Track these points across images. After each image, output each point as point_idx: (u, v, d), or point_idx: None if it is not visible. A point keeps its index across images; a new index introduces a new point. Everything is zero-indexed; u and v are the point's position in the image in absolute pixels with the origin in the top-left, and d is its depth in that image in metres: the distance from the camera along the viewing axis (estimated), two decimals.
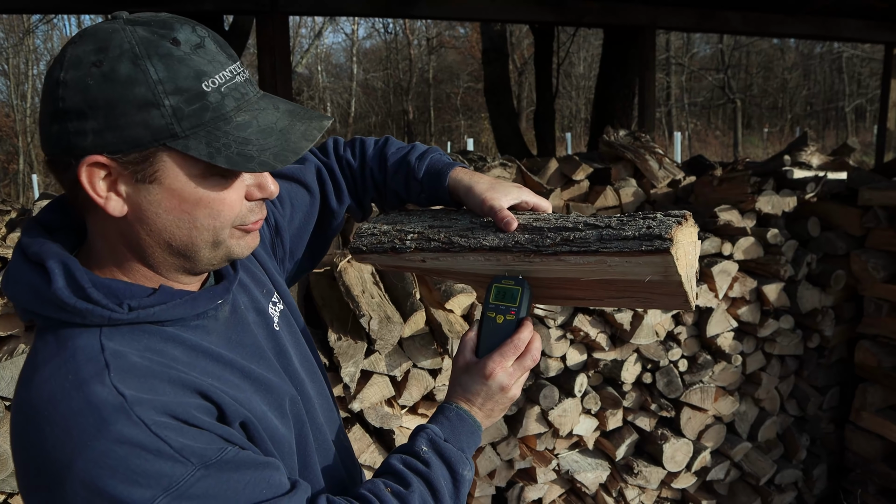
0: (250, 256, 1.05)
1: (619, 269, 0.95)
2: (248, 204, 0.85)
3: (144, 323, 0.81)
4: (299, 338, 1.09)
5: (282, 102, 0.85)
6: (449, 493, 0.95)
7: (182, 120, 0.76)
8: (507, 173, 3.15)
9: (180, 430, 0.74)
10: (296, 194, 1.17)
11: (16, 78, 18.05)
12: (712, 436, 3.10)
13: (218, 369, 0.85)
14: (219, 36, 0.83)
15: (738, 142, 19.78)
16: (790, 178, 3.40)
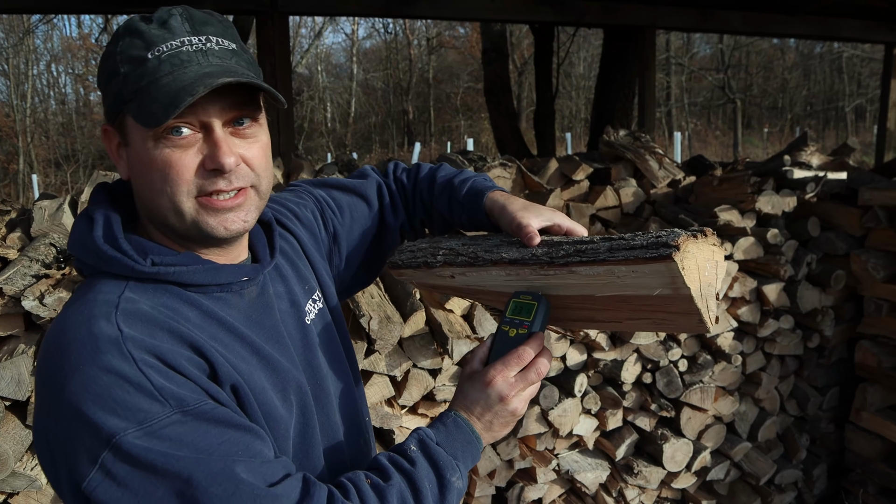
0: (299, 253, 1.13)
1: (627, 280, 0.93)
2: (204, 173, 0.86)
3: (168, 283, 0.88)
4: (334, 338, 1.13)
5: (213, 67, 0.85)
6: (433, 496, 0.93)
7: (128, 85, 0.83)
8: (507, 173, 3.15)
9: (166, 373, 0.78)
10: (356, 206, 1.25)
11: (16, 78, 18.05)
12: (712, 436, 3.10)
13: (227, 338, 0.90)
14: (206, 16, 0.89)
15: (738, 142, 19.78)
16: (790, 178, 3.40)
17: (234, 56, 0.89)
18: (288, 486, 0.83)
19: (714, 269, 0.93)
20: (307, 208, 1.21)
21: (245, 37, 7.36)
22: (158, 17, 0.86)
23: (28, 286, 2.12)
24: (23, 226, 2.52)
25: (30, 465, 2.05)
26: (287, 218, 1.16)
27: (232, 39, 0.90)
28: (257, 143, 0.92)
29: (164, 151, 0.84)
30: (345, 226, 1.23)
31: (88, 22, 23.32)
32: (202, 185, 0.87)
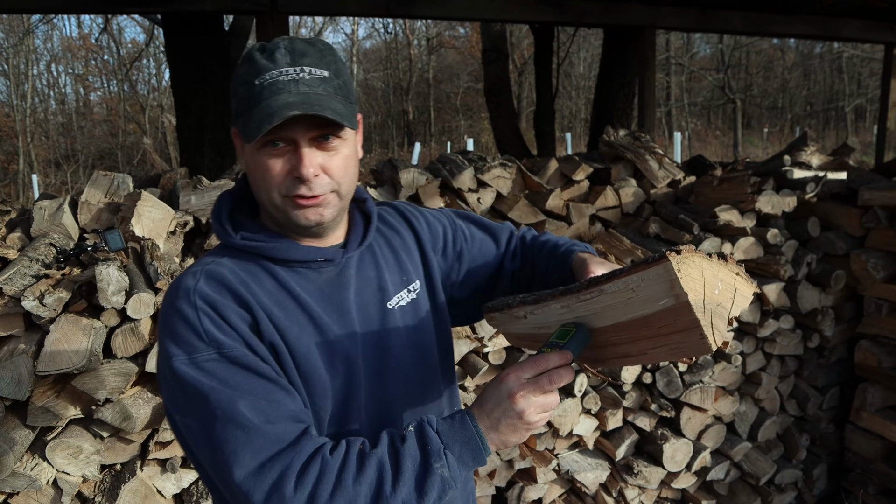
0: (410, 249, 1.29)
1: (640, 292, 0.95)
2: (290, 179, 1.05)
3: (257, 255, 1.10)
4: (422, 328, 1.24)
5: (297, 96, 1.02)
6: (412, 477, 0.96)
7: (241, 104, 1.05)
8: (507, 173, 3.15)
9: (216, 322, 1.01)
10: (486, 242, 1.41)
11: (16, 78, 18.05)
12: (712, 436, 3.10)
13: (291, 305, 1.08)
14: (307, 46, 1.06)
15: (738, 142, 19.78)
16: (790, 178, 3.40)
17: (322, 83, 1.05)
18: (283, 429, 0.97)
19: (729, 293, 0.94)
20: (440, 223, 1.37)
21: (245, 37, 7.36)
22: (269, 48, 1.05)
23: (28, 286, 2.12)
24: (23, 226, 2.52)
25: (30, 465, 2.05)
26: (414, 218, 1.33)
27: (326, 67, 1.06)
28: (338, 155, 1.08)
29: (262, 158, 1.05)
30: (471, 252, 1.38)
31: (88, 22, 23.34)
32: (289, 188, 1.06)
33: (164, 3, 4.55)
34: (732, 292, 0.95)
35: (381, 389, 1.16)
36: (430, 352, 1.26)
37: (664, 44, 21.09)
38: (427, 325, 1.26)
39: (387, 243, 1.27)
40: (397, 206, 1.36)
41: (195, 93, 5.62)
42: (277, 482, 0.94)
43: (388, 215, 1.33)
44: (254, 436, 0.95)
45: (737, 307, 0.95)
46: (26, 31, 17.68)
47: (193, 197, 2.69)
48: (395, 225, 1.31)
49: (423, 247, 1.31)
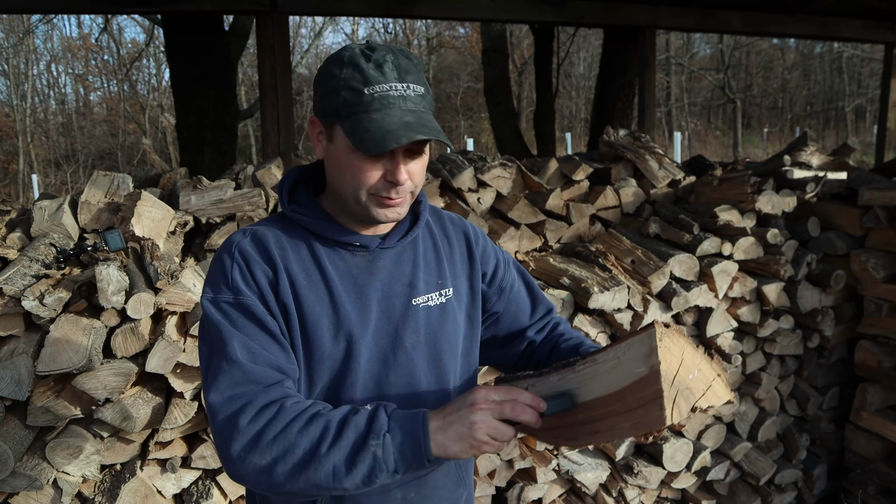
0: (455, 259, 1.36)
1: (625, 357, 1.01)
2: (383, 182, 1.16)
3: (304, 228, 1.23)
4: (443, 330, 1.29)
5: (412, 115, 1.12)
6: (348, 446, 1.03)
7: (345, 107, 1.12)
8: (507, 173, 3.15)
9: (244, 273, 1.16)
10: (524, 301, 1.47)
11: (16, 78, 18.04)
12: (712, 436, 3.10)
13: (316, 276, 1.20)
14: (409, 64, 1.15)
15: (738, 142, 19.78)
16: (790, 178, 3.40)
17: (422, 100, 1.15)
18: (262, 372, 1.10)
19: (702, 385, 0.97)
20: (496, 256, 1.44)
21: (245, 37, 7.36)
22: (376, 59, 1.12)
23: (28, 286, 2.12)
24: (23, 226, 2.52)
25: (30, 465, 2.05)
26: (473, 237, 1.41)
27: (422, 83, 1.16)
28: (421, 161, 1.19)
29: (358, 161, 1.14)
30: (508, 301, 1.44)
31: (88, 22, 23.33)
32: (378, 189, 1.16)
33: (164, 3, 4.55)
34: (706, 386, 0.98)
35: (383, 374, 1.23)
36: (444, 355, 1.30)
37: (664, 44, 21.08)
38: (450, 330, 1.31)
39: (433, 246, 1.34)
40: (461, 222, 1.43)
41: (195, 93, 5.62)
42: (237, 411, 1.06)
43: (448, 223, 1.41)
44: (235, 369, 1.09)
45: (706, 400, 0.97)
46: (26, 31, 17.68)
47: (193, 197, 2.69)
48: (450, 233, 1.39)
49: (472, 261, 1.38)
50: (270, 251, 1.19)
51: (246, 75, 18.52)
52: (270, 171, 3.08)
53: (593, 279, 2.82)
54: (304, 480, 1.02)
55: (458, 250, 1.38)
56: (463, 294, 1.36)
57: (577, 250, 3.08)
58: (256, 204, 2.71)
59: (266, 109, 4.36)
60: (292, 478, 1.03)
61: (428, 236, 1.35)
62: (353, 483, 1.02)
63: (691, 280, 3.02)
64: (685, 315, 3.01)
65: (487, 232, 2.99)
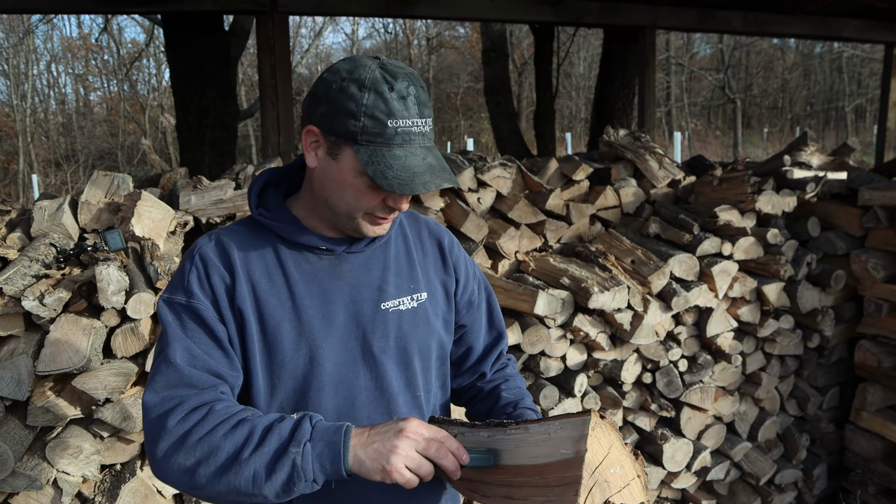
0: (426, 264, 1.36)
1: (555, 434, 1.04)
2: (382, 205, 1.18)
3: (271, 231, 1.24)
4: (413, 334, 1.28)
5: (432, 156, 1.15)
6: (270, 452, 1.03)
7: (364, 134, 1.12)
8: (507, 173, 3.15)
9: (200, 278, 1.18)
10: (481, 315, 1.47)
11: (16, 78, 18.04)
12: (712, 436, 3.10)
13: (279, 280, 1.21)
14: (425, 96, 1.16)
15: (738, 142, 19.78)
16: (790, 178, 3.40)
17: (432, 134, 1.18)
18: (198, 376, 1.12)
19: (621, 482, 0.99)
20: (466, 268, 1.43)
21: (245, 37, 7.36)
22: (399, 90, 1.12)
23: (28, 286, 2.12)
24: (23, 226, 2.52)
25: (30, 465, 2.05)
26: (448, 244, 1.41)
27: (431, 115, 1.18)
28: None
29: (364, 186, 1.15)
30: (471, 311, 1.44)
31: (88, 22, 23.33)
32: (376, 210, 1.18)
33: (164, 3, 4.55)
34: (624, 484, 1.00)
35: (352, 378, 1.24)
36: (415, 359, 1.30)
37: (664, 44, 21.08)
38: (422, 335, 1.30)
39: (406, 250, 1.34)
40: (437, 230, 1.43)
41: (195, 93, 5.62)
42: (168, 412, 1.08)
43: (424, 228, 1.41)
44: (172, 371, 1.12)
45: (620, 497, 0.98)
46: (26, 31, 17.68)
47: (193, 197, 2.69)
48: (425, 239, 1.39)
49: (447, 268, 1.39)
50: (232, 257, 1.20)
51: (246, 75, 18.52)
52: None
53: (593, 279, 2.82)
54: (225, 484, 1.03)
55: (432, 256, 1.38)
56: (439, 299, 1.35)
57: (577, 250, 3.08)
58: None
59: (266, 109, 4.36)
60: (214, 480, 1.03)
61: (401, 240, 1.35)
62: (273, 490, 1.02)
63: (691, 280, 3.02)
64: (685, 315, 3.01)
65: (487, 232, 2.99)
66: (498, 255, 3.04)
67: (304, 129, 1.19)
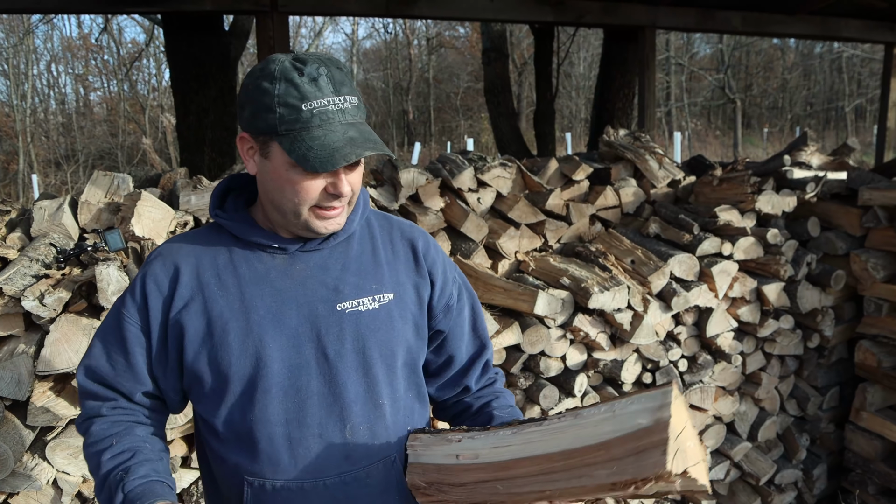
0: (396, 265, 1.30)
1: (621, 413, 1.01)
2: (324, 194, 1.15)
3: (229, 232, 1.24)
4: (376, 337, 1.23)
5: (354, 130, 1.12)
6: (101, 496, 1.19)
7: (283, 124, 1.10)
8: (507, 173, 3.15)
9: (136, 291, 1.22)
10: (464, 322, 1.40)
11: (16, 78, 18.04)
12: (712, 436, 3.10)
13: (229, 280, 1.21)
14: (341, 75, 1.13)
15: (738, 142, 19.78)
16: (790, 178, 3.40)
17: (358, 111, 1.15)
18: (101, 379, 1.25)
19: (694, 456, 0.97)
20: (444, 271, 1.37)
21: (245, 37, 7.36)
22: (309, 72, 1.10)
23: (28, 286, 2.12)
24: (23, 226, 2.52)
25: (30, 465, 2.05)
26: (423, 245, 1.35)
27: (355, 93, 1.15)
28: (359, 170, 1.19)
29: (298, 177, 1.13)
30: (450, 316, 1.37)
31: (88, 22, 23.34)
32: (320, 202, 1.15)
33: (164, 3, 4.55)
34: (696, 461, 0.98)
35: (303, 382, 1.20)
36: (376, 364, 1.24)
37: (664, 44, 21.08)
38: (384, 338, 1.25)
39: (372, 250, 1.29)
40: (411, 231, 1.37)
41: (195, 93, 5.62)
42: (82, 397, 1.27)
43: (397, 229, 1.36)
44: (91, 360, 1.25)
45: (695, 471, 0.97)
46: (26, 31, 17.68)
47: (193, 197, 2.69)
48: (396, 240, 1.34)
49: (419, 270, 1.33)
50: (178, 263, 1.22)
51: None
52: None
53: (593, 279, 2.82)
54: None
55: (404, 257, 1.32)
56: (408, 302, 1.29)
57: (577, 250, 3.08)
58: None
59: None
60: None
61: (367, 240, 1.30)
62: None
63: (691, 280, 3.02)
64: (685, 315, 3.01)
65: (487, 232, 2.99)
66: (498, 255, 3.04)
67: (237, 139, 1.19)
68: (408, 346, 1.28)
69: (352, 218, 1.27)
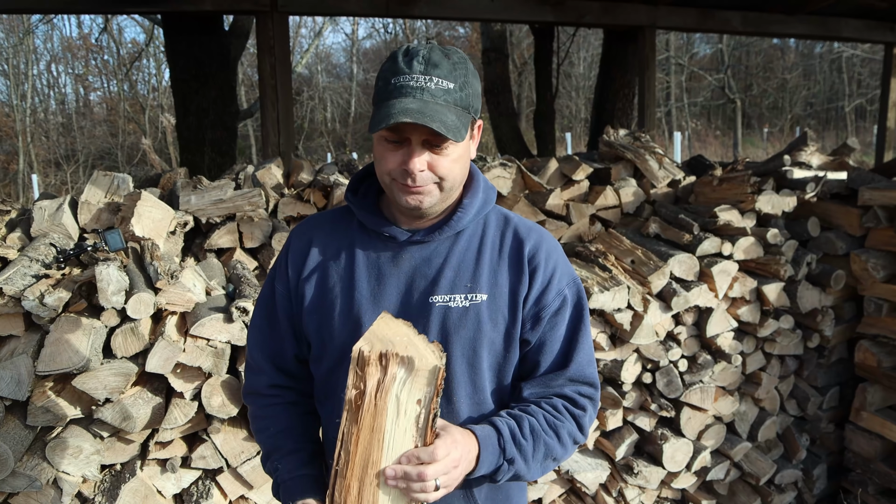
0: (496, 267, 1.29)
1: None
2: (400, 169, 1.20)
3: (355, 219, 1.35)
4: (464, 335, 1.25)
5: (418, 103, 1.14)
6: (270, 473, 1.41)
7: (378, 96, 1.19)
8: (507, 173, 3.15)
9: (282, 261, 1.39)
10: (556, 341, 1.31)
11: (16, 78, 18.03)
12: (712, 436, 3.10)
13: (345, 260, 1.32)
14: (442, 59, 1.18)
15: (738, 142, 19.77)
16: (790, 178, 3.40)
17: (445, 94, 1.17)
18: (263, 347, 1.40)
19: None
20: (549, 280, 1.30)
21: (245, 37, 7.36)
22: (412, 52, 1.18)
23: (28, 286, 2.12)
24: (23, 226, 2.52)
25: (30, 465, 2.05)
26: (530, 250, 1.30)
27: (454, 79, 1.18)
28: (446, 157, 1.21)
29: (381, 148, 1.22)
30: (539, 327, 1.30)
31: (88, 22, 23.31)
32: (397, 176, 1.21)
33: (164, 3, 4.55)
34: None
35: None
36: (456, 361, 1.26)
37: (664, 44, 21.08)
38: (468, 337, 1.25)
39: (478, 248, 1.30)
40: (528, 234, 1.32)
41: (195, 93, 5.62)
42: (246, 369, 1.45)
43: (511, 231, 1.32)
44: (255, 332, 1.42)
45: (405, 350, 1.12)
46: (26, 31, 17.68)
47: (193, 197, 2.69)
48: (506, 241, 1.31)
49: (520, 275, 1.28)
50: (311, 240, 1.35)
51: (246, 75, 18.51)
52: (270, 170, 3.08)
53: (593, 279, 2.82)
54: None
55: (508, 258, 1.29)
56: (501, 305, 1.27)
57: (577, 250, 3.08)
58: (256, 204, 2.71)
59: (266, 109, 4.36)
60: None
61: (477, 238, 1.30)
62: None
63: (691, 280, 3.02)
64: (685, 315, 3.01)
65: None
66: None
67: None
68: (494, 349, 1.28)
69: (460, 215, 1.29)
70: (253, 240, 2.76)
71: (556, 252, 1.33)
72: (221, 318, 2.19)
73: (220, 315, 2.20)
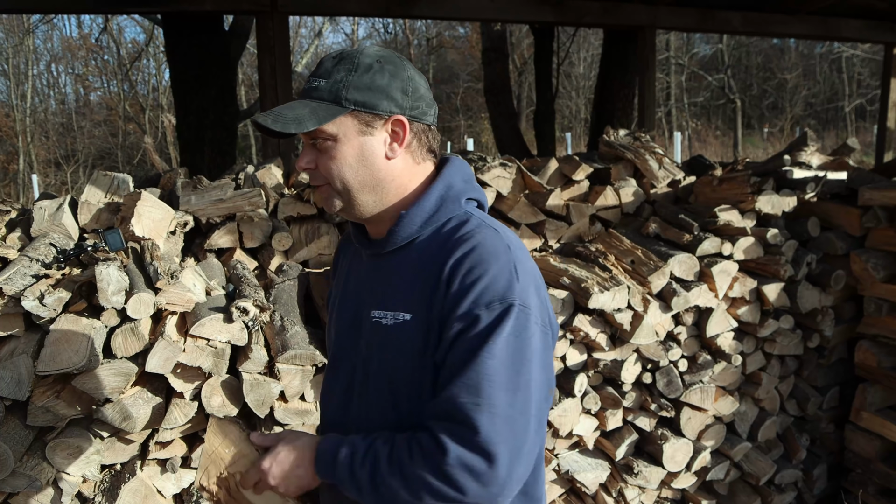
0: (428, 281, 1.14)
1: None
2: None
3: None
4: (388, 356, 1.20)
5: (288, 106, 1.17)
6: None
7: None
8: (507, 173, 3.15)
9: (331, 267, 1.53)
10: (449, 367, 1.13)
11: (16, 78, 18.03)
12: (712, 436, 3.10)
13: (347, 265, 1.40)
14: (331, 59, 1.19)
15: (738, 142, 19.77)
16: (790, 178, 3.40)
17: (312, 91, 1.17)
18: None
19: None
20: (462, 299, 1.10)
21: (245, 37, 7.36)
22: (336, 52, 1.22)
23: (28, 286, 2.12)
24: (23, 226, 2.52)
25: (30, 465, 2.05)
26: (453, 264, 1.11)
27: (329, 76, 1.17)
28: (328, 155, 1.18)
29: None
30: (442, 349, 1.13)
31: (88, 22, 23.30)
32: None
33: (164, 3, 4.55)
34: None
35: (331, 374, 1.36)
36: (371, 379, 1.22)
37: (664, 44, 21.07)
38: (386, 357, 1.19)
39: (417, 264, 1.18)
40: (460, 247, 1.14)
41: (195, 93, 5.62)
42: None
43: (451, 244, 1.16)
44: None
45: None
46: (26, 31, 17.67)
47: (193, 197, 2.69)
48: (445, 254, 1.15)
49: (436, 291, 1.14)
50: (341, 247, 1.48)
51: (246, 75, 18.51)
52: (270, 171, 3.08)
53: (593, 279, 2.82)
54: None
55: (435, 275, 1.14)
56: (422, 327, 1.15)
57: (577, 250, 3.08)
58: (256, 204, 2.71)
59: (266, 109, 4.36)
60: None
61: (426, 254, 1.18)
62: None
63: (691, 280, 3.02)
64: (685, 315, 3.01)
65: None
66: None
67: None
68: (412, 372, 1.16)
69: (396, 227, 1.20)
70: (253, 240, 2.76)
71: (483, 266, 1.10)
72: (221, 318, 2.19)
73: (221, 315, 2.20)
